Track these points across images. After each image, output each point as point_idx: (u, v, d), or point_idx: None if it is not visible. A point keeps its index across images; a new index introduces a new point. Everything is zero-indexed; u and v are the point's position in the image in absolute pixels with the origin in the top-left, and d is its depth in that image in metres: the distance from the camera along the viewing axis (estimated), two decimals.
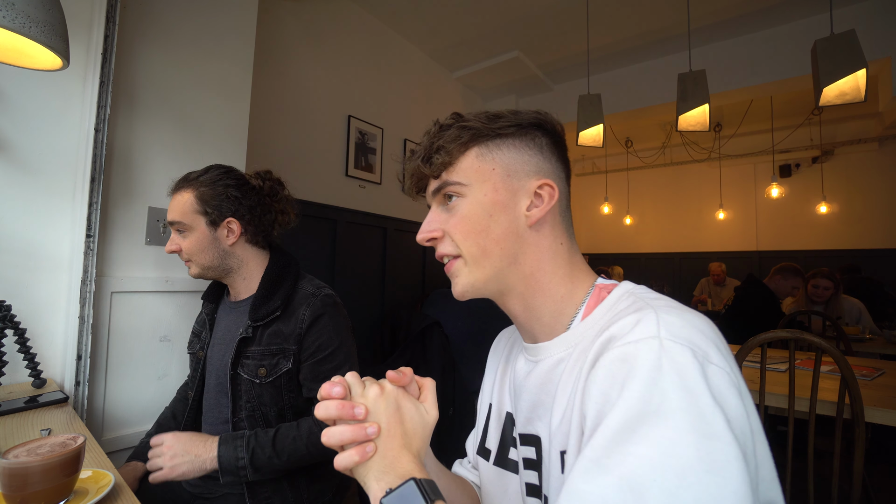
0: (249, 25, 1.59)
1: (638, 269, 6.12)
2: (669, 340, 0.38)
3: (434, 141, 0.54)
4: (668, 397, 0.35)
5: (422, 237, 0.56)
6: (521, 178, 0.53)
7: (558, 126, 0.56)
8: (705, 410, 0.34)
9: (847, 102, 1.65)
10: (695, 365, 0.36)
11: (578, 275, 0.54)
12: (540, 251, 0.53)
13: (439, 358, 1.75)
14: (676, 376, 0.36)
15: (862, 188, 4.90)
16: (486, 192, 0.52)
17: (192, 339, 1.17)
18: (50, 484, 0.57)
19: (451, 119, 0.55)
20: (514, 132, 0.53)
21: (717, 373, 0.37)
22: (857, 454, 1.13)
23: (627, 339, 0.40)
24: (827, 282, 2.74)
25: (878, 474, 2.23)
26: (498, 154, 0.53)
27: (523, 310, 0.55)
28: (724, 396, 0.36)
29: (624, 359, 0.39)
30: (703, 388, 0.35)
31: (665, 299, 0.46)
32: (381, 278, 2.82)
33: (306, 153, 2.36)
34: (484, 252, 0.52)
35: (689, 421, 0.34)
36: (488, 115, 0.54)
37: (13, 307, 1.03)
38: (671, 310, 0.42)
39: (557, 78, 3.64)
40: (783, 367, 1.70)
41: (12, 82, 1.09)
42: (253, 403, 1.00)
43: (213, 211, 1.01)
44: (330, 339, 1.01)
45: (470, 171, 0.53)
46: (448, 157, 0.53)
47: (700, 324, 0.41)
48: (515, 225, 0.52)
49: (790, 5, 2.62)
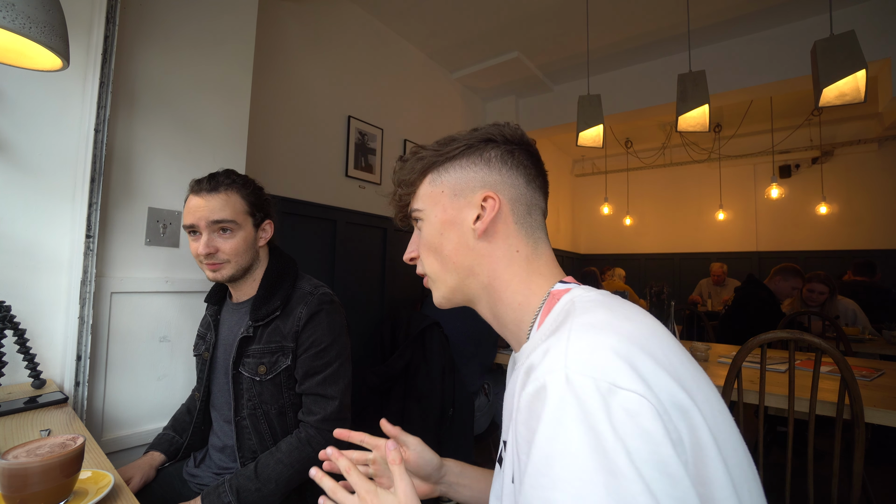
0: (249, 26, 1.59)
1: (638, 270, 6.12)
2: (574, 372, 0.37)
3: (397, 175, 0.60)
4: (572, 437, 0.34)
5: (405, 257, 0.63)
6: (466, 195, 0.56)
7: (511, 135, 0.57)
8: (608, 447, 0.33)
9: (847, 103, 1.65)
10: (596, 398, 0.35)
11: (536, 280, 0.54)
12: (493, 260, 0.55)
13: (439, 358, 1.75)
14: (580, 412, 0.35)
15: (862, 189, 4.90)
16: (437, 213, 0.57)
17: (197, 341, 1.18)
18: (49, 485, 0.57)
19: (410, 153, 0.60)
20: (462, 152, 0.56)
21: (625, 400, 0.35)
22: (856, 455, 1.13)
23: (538, 372, 0.40)
24: (822, 286, 2.74)
25: (877, 475, 2.23)
26: (446, 177, 0.57)
27: (493, 318, 0.58)
28: (626, 428, 0.34)
29: (536, 395, 0.39)
30: (605, 423, 0.34)
31: (595, 310, 0.45)
32: (381, 278, 2.82)
33: (306, 153, 2.36)
34: (442, 268, 0.57)
35: (595, 460, 0.33)
36: (443, 141, 0.58)
37: (13, 307, 1.03)
38: (587, 331, 0.41)
39: (557, 78, 3.64)
40: (783, 367, 1.70)
41: (12, 82, 1.09)
42: (254, 402, 1.01)
43: (259, 212, 1.05)
44: (323, 336, 1.01)
45: (425, 197, 0.58)
46: (409, 188, 0.59)
47: (617, 338, 0.40)
48: (465, 238, 0.55)
49: (790, 6, 2.62)
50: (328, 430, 0.98)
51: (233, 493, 0.89)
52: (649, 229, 6.24)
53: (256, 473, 0.92)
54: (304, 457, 0.95)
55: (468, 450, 1.80)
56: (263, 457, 0.95)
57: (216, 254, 1.00)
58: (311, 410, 0.99)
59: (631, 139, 5.67)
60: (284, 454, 0.94)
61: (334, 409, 0.99)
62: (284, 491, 0.94)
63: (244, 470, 0.93)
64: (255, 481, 0.91)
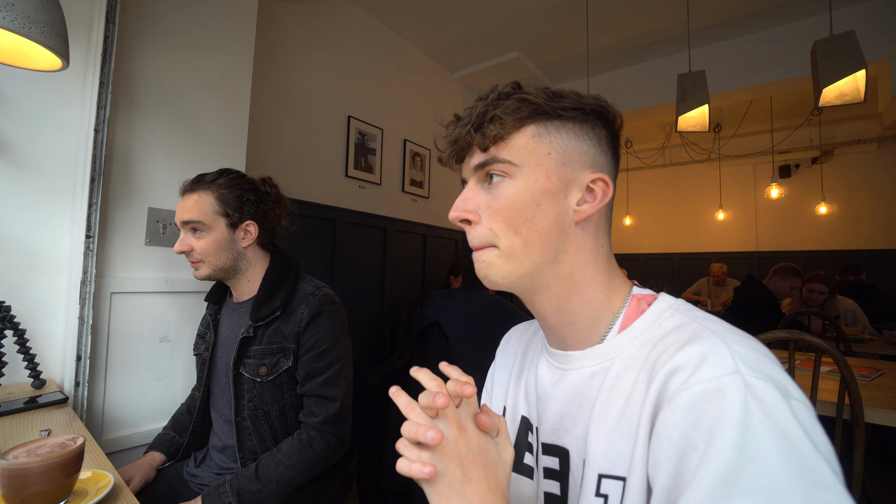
0: (249, 26, 1.59)
1: (638, 270, 6.12)
2: (751, 376, 0.35)
3: (489, 109, 0.48)
4: (763, 443, 0.32)
5: (455, 215, 0.50)
6: (575, 169, 0.48)
7: (619, 119, 0.52)
8: (806, 455, 0.31)
9: (846, 103, 1.65)
10: (783, 403, 0.33)
11: (616, 281, 0.51)
12: (582, 251, 0.49)
13: (439, 358, 1.75)
14: (767, 419, 0.33)
15: (861, 189, 4.90)
16: (538, 177, 0.47)
17: (197, 341, 1.18)
18: (49, 485, 0.57)
19: (510, 87, 0.49)
20: (576, 116, 0.48)
21: (800, 409, 0.34)
22: (856, 455, 1.13)
23: (703, 374, 0.36)
24: (822, 286, 2.73)
25: (877, 475, 2.23)
26: (556, 137, 0.47)
27: (556, 311, 0.50)
28: (816, 436, 0.33)
29: (706, 399, 0.35)
30: (798, 429, 0.32)
31: (716, 319, 0.43)
32: (381, 278, 2.82)
33: (306, 154, 2.36)
34: (525, 245, 0.47)
35: (791, 468, 0.31)
36: (550, 91, 0.49)
37: (13, 308, 1.04)
38: (735, 337, 0.39)
39: (557, 79, 3.64)
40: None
41: (12, 83, 1.09)
42: (255, 402, 1.01)
43: (234, 213, 1.04)
44: (325, 337, 1.01)
45: (524, 150, 0.47)
46: (502, 130, 0.47)
47: (764, 349, 0.38)
48: (562, 219, 0.47)
49: (790, 6, 2.62)
50: (329, 431, 0.98)
51: (234, 494, 0.89)
52: (649, 229, 6.25)
53: (257, 474, 0.92)
54: (305, 458, 0.95)
55: None
56: (264, 458, 0.95)
57: (191, 252, 1.03)
58: (313, 412, 0.99)
59: (631, 139, 5.67)
60: (286, 455, 0.94)
61: (335, 411, 0.99)
62: (285, 492, 0.94)
63: (245, 470, 0.93)
64: (256, 482, 0.91)
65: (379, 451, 1.68)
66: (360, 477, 1.74)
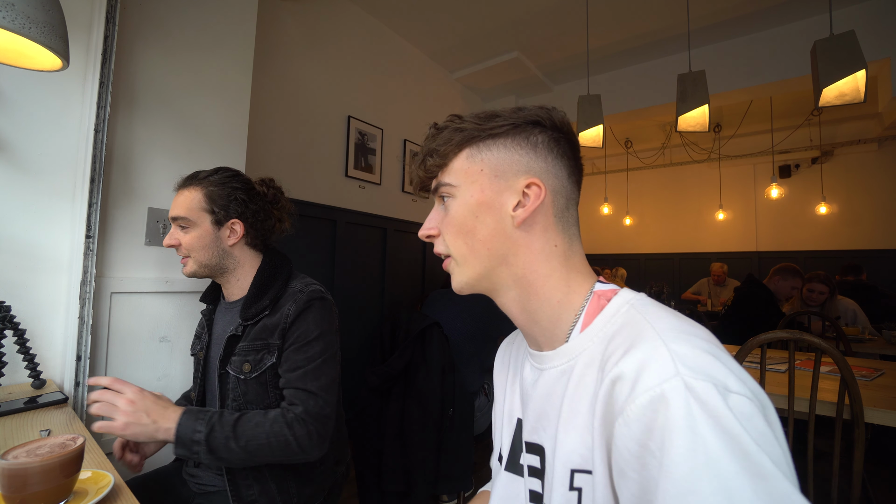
0: (249, 26, 1.59)
1: (638, 270, 6.12)
2: (690, 377, 0.36)
3: (429, 144, 0.55)
4: (711, 445, 0.33)
5: (422, 233, 0.58)
6: (508, 178, 0.52)
7: (560, 122, 0.54)
8: (748, 449, 0.33)
9: (846, 103, 1.65)
10: (721, 401, 0.35)
11: (575, 278, 0.53)
12: (531, 252, 0.52)
13: (439, 358, 1.75)
14: (710, 418, 0.34)
15: (861, 189, 4.90)
16: (473, 193, 0.53)
17: (193, 341, 1.18)
18: (49, 485, 0.57)
19: (447, 121, 0.55)
20: (507, 131, 0.53)
21: (737, 403, 0.35)
22: (856, 455, 1.13)
23: (646, 383, 0.38)
24: (822, 286, 2.73)
25: (878, 475, 2.23)
26: (487, 155, 0.53)
27: (520, 311, 0.54)
28: (753, 428, 0.34)
29: (653, 408, 0.36)
30: (737, 425, 0.34)
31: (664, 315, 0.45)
32: (381, 278, 2.82)
33: (306, 154, 2.36)
34: (471, 252, 0.53)
35: (738, 463, 0.32)
36: (484, 115, 0.54)
37: (13, 308, 1.04)
38: (678, 335, 0.41)
39: (557, 78, 3.64)
40: (783, 367, 1.70)
41: (12, 83, 1.09)
42: (239, 402, 1.00)
43: (219, 210, 1.03)
44: (308, 330, 0.99)
45: (461, 172, 0.53)
46: (441, 160, 0.54)
47: (706, 344, 0.40)
48: (502, 225, 0.52)
49: (790, 6, 2.62)
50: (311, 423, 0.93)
51: (207, 427, 0.86)
52: (649, 229, 6.25)
53: (235, 425, 0.89)
54: (281, 436, 0.89)
55: (468, 450, 1.80)
56: (250, 413, 0.92)
57: (179, 247, 1.04)
58: (293, 403, 0.94)
59: (631, 139, 5.68)
60: (268, 421, 0.90)
61: (315, 406, 0.94)
62: (250, 458, 0.89)
63: (229, 414, 0.90)
64: (231, 429, 0.88)
65: (379, 451, 1.68)
66: (360, 477, 1.74)
